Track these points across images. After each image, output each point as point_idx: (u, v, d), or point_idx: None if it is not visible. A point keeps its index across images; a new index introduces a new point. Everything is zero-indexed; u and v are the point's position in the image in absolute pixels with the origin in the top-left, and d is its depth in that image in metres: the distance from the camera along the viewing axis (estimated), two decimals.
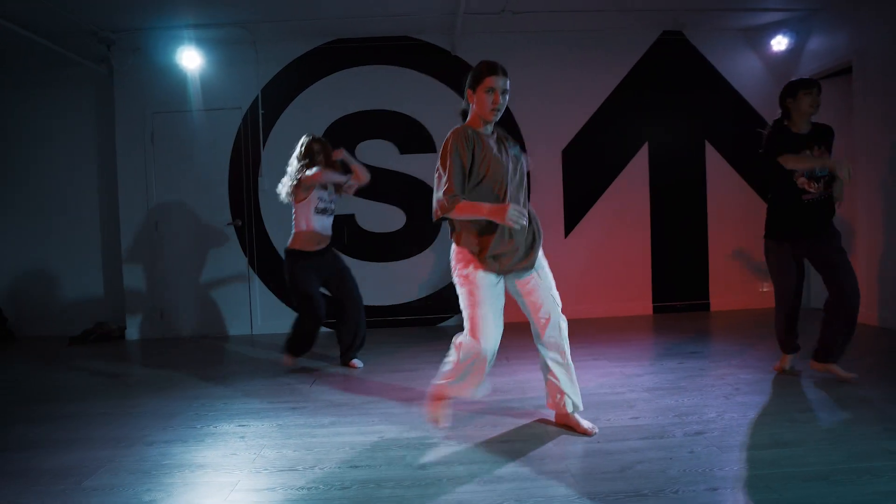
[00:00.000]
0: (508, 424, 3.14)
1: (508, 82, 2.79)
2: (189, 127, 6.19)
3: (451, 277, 6.16)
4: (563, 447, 2.78)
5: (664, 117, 6.21)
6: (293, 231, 4.44)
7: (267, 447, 2.92)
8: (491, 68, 2.75)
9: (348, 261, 6.02)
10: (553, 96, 6.16)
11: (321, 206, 4.45)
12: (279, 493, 2.42)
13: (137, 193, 6.23)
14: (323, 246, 4.48)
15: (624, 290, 6.23)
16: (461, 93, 6.03)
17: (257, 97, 6.15)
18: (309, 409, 3.55)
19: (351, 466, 2.67)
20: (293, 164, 4.47)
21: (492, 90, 2.75)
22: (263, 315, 6.15)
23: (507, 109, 6.11)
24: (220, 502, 2.36)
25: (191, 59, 5.89)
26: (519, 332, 5.64)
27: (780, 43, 5.98)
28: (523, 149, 3.01)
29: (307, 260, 4.39)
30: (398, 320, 6.19)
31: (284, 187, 4.46)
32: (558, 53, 6.15)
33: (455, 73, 6.11)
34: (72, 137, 6.51)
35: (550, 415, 3.20)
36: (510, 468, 2.57)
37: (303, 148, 4.48)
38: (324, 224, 4.49)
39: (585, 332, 5.47)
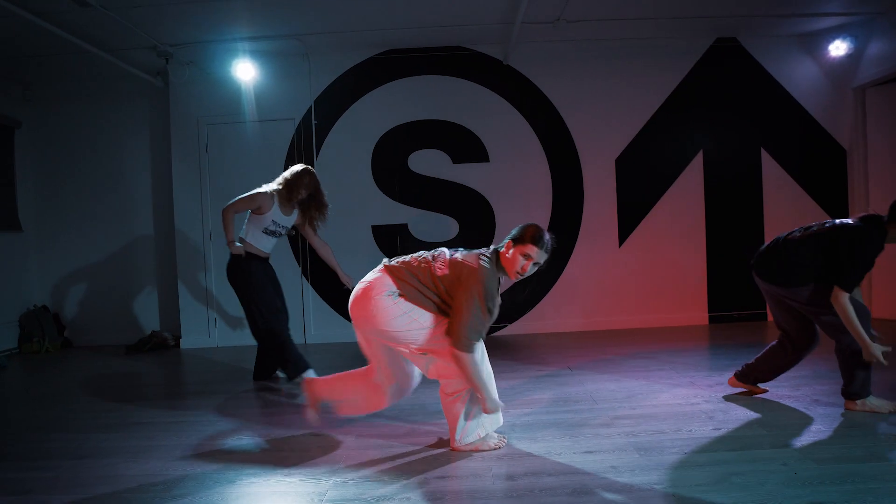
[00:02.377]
0: (588, 434, 3.09)
1: (545, 258, 2.88)
2: (243, 138, 6.27)
3: (500, 287, 6.17)
4: (651, 458, 2.73)
5: (719, 125, 6.13)
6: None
7: (347, 451, 2.91)
8: (537, 238, 2.83)
9: None
10: (606, 105, 6.13)
11: (271, 228, 4.49)
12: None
13: (192, 204, 6.32)
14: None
15: (679, 299, 6.15)
16: (513, 102, 6.12)
17: (310, 108, 6.21)
18: (383, 413, 3.52)
19: (438, 477, 2.64)
20: (279, 179, 4.50)
21: (528, 256, 2.83)
22: (317, 324, 6.18)
23: (560, 118, 6.10)
24: None
25: (245, 71, 5.98)
26: (579, 339, 5.61)
27: (838, 48, 5.87)
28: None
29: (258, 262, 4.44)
30: None
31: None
32: (611, 62, 6.12)
33: (507, 82, 6.12)
34: (128, 149, 6.64)
35: (623, 424, 3.15)
36: (594, 480, 2.53)
37: (295, 175, 4.44)
38: (267, 244, 4.53)
39: (644, 342, 5.41)
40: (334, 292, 5.96)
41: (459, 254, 2.91)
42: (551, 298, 6.17)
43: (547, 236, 2.87)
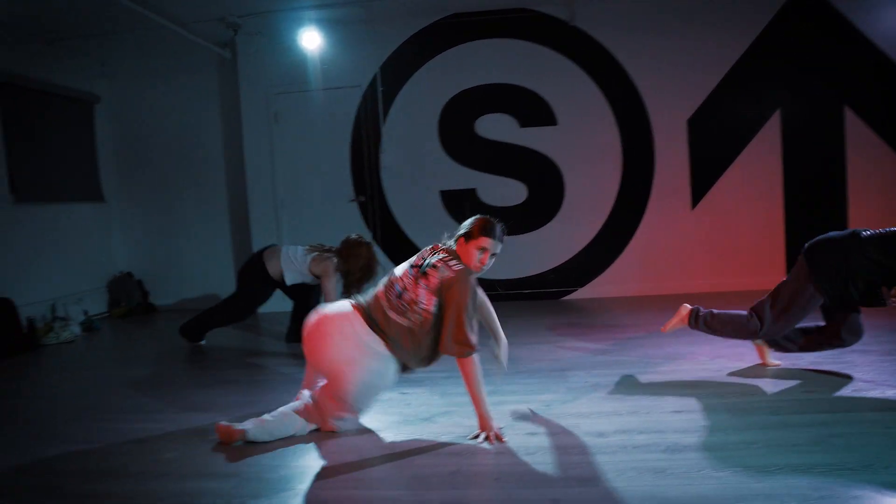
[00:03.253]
0: (674, 395, 3.07)
1: (501, 247, 2.78)
2: (310, 106, 6.35)
3: (570, 251, 6.13)
4: (742, 418, 2.71)
5: (798, 82, 5.86)
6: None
7: (437, 416, 2.98)
8: (487, 230, 2.74)
9: None
10: (677, 64, 5.93)
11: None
12: (475, 459, 2.47)
13: (263, 171, 6.46)
14: None
15: (755, 263, 5.98)
16: (581, 64, 6.00)
17: (376, 75, 6.22)
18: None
19: (528, 433, 2.69)
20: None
21: (483, 249, 2.72)
22: None
23: (629, 79, 5.96)
24: (432, 469, 2.43)
25: (311, 40, 6.02)
26: (653, 303, 5.54)
27: None
28: None
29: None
30: (522, 293, 6.19)
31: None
32: (682, 18, 5.90)
33: (573, 44, 5.99)
34: (200, 120, 6.80)
35: (708, 386, 3.14)
36: (693, 438, 2.52)
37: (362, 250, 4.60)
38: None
39: (720, 306, 5.24)
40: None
41: (424, 269, 2.76)
42: (622, 262, 6.10)
43: (498, 226, 2.78)
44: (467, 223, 2.80)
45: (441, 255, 2.75)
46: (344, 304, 2.82)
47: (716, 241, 6.02)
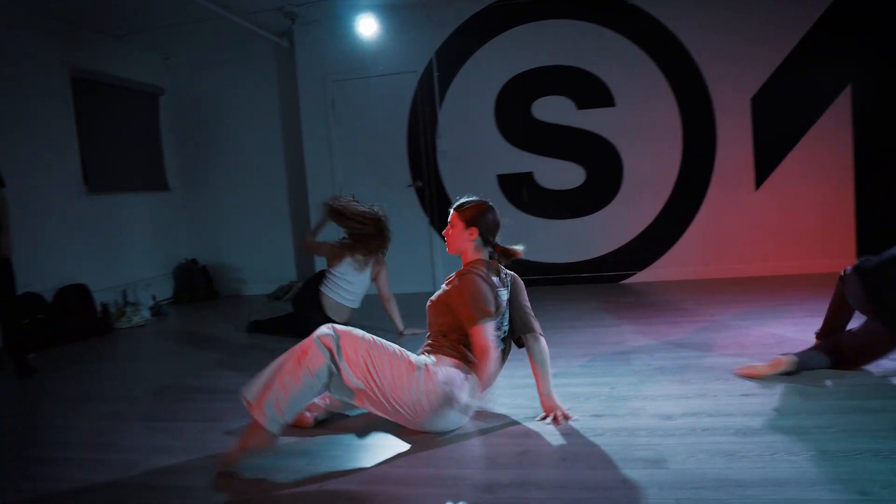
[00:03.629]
0: (741, 378, 3.02)
1: (458, 217, 2.81)
2: (367, 92, 6.42)
3: (629, 234, 6.04)
4: (815, 402, 2.64)
5: (871, 55, 5.59)
6: None
7: (501, 397, 3.00)
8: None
9: (528, 219, 6.11)
10: (740, 39, 5.73)
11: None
12: (542, 440, 2.49)
13: (321, 158, 6.56)
14: None
15: (822, 245, 5.78)
16: (639, 43, 5.88)
17: (431, 60, 6.23)
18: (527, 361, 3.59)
19: (594, 415, 2.69)
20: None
21: (449, 223, 2.88)
22: (444, 272, 6.31)
23: (690, 57, 5.80)
24: (500, 450, 2.46)
25: (367, 27, 6.08)
26: (714, 286, 5.44)
27: None
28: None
29: None
30: (580, 277, 6.15)
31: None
32: None
33: (632, 22, 5.87)
34: (259, 109, 6.97)
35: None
36: (759, 421, 2.48)
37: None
38: None
39: (786, 289, 5.15)
40: None
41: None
42: (683, 244, 5.98)
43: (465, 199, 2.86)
44: None
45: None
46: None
47: (780, 223, 5.84)
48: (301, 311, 4.55)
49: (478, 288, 2.61)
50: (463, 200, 2.84)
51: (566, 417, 2.63)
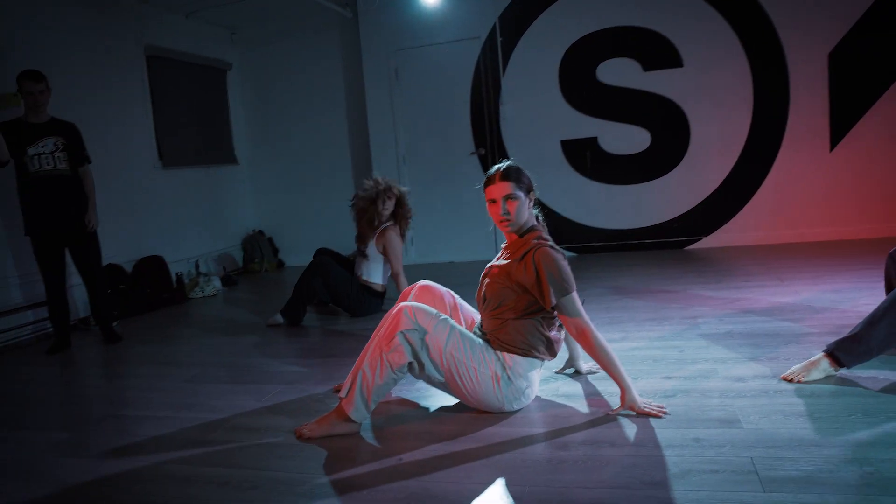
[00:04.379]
0: (813, 343, 2.97)
1: (513, 185, 2.42)
2: (430, 61, 6.45)
3: (696, 199, 5.92)
4: (887, 367, 2.59)
5: None
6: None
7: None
8: (487, 179, 2.50)
9: (592, 185, 6.06)
10: None
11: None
12: (614, 400, 2.54)
13: (385, 127, 6.65)
14: None
15: None
16: None
17: (494, 25, 6.19)
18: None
19: (665, 377, 2.71)
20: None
21: (492, 201, 2.48)
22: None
23: (762, 11, 5.58)
24: (572, 411, 2.53)
25: None
26: (785, 251, 5.31)
27: None
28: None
29: None
30: (644, 244, 6.09)
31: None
32: None
33: None
34: (323, 80, 7.07)
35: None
36: (832, 383, 2.45)
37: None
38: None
39: (861, 253, 4.98)
40: None
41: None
42: (752, 209, 5.84)
43: (497, 167, 2.50)
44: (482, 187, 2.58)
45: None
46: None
47: (857, 185, 5.62)
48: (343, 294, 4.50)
49: (557, 263, 2.38)
50: (505, 166, 2.49)
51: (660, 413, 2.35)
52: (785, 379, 2.54)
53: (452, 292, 2.80)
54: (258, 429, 2.57)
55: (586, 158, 6.06)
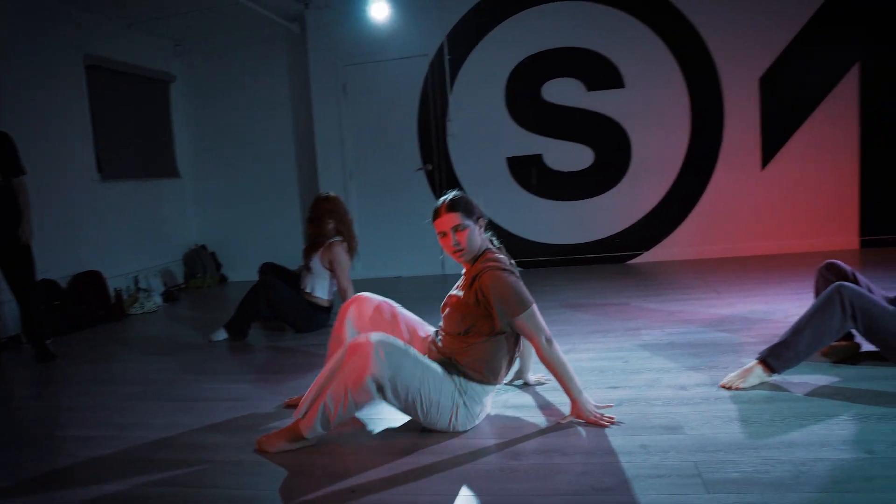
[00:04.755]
0: (750, 352, 3.11)
1: (460, 216, 2.45)
2: (378, 77, 6.48)
3: (637, 215, 6.11)
4: (820, 374, 2.74)
5: (879, 33, 5.61)
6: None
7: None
8: (434, 213, 2.51)
9: (536, 201, 6.18)
10: (749, 19, 5.75)
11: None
12: (560, 413, 2.60)
13: (332, 143, 6.64)
14: None
15: (827, 223, 5.86)
16: (649, 24, 5.92)
17: (442, 43, 6.28)
18: None
19: (611, 387, 2.79)
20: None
21: (442, 234, 2.48)
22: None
23: (699, 38, 5.84)
24: (522, 422, 2.57)
25: (379, 11, 6.10)
26: (720, 265, 5.53)
27: None
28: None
29: None
30: (587, 258, 6.24)
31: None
32: None
33: (641, 3, 5.91)
34: (270, 95, 7.03)
35: None
36: (769, 389, 2.58)
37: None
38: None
39: (791, 266, 5.24)
40: None
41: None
42: (689, 224, 6.07)
43: (443, 200, 2.51)
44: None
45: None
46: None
47: (786, 202, 5.91)
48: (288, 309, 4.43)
49: (505, 283, 2.38)
50: (451, 197, 2.50)
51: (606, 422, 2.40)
52: (723, 387, 2.66)
53: (390, 301, 2.79)
54: (204, 447, 2.52)
55: (531, 175, 6.20)
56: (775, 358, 2.61)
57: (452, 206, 2.46)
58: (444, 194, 2.55)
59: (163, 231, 6.86)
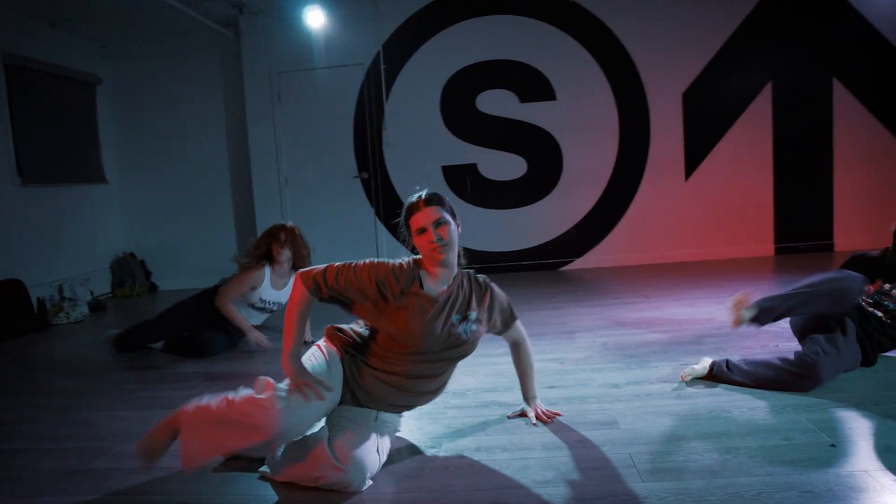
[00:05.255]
0: (680, 351, 3.28)
1: (440, 209, 2.22)
2: (314, 85, 6.47)
3: (568, 223, 6.30)
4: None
5: (789, 55, 6.03)
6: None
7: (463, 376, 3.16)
8: (409, 209, 2.23)
9: (471, 210, 6.29)
10: (673, 39, 6.08)
11: (258, 305, 4.05)
12: (506, 410, 2.67)
13: (266, 150, 6.58)
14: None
15: (745, 231, 6.21)
16: (580, 39, 6.15)
17: (379, 52, 6.33)
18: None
19: (548, 387, 2.89)
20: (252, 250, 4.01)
21: (421, 230, 2.19)
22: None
23: (627, 54, 6.11)
24: (465, 420, 2.63)
25: (315, 18, 6.10)
26: (648, 271, 5.78)
27: None
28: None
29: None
30: (521, 265, 6.39)
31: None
32: None
33: (573, 19, 6.13)
34: (202, 100, 6.89)
35: (710, 342, 3.33)
36: (696, 386, 2.73)
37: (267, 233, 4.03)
38: (254, 318, 4.11)
39: (713, 272, 5.52)
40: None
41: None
42: (619, 232, 6.31)
43: (417, 195, 2.25)
44: (402, 221, 2.30)
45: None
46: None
47: (708, 210, 6.24)
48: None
49: (502, 293, 2.50)
50: (426, 192, 2.26)
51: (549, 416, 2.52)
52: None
53: None
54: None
55: (466, 183, 6.31)
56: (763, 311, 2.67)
57: (429, 200, 2.22)
58: (416, 192, 2.29)
59: (89, 238, 6.61)
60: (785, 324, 3.05)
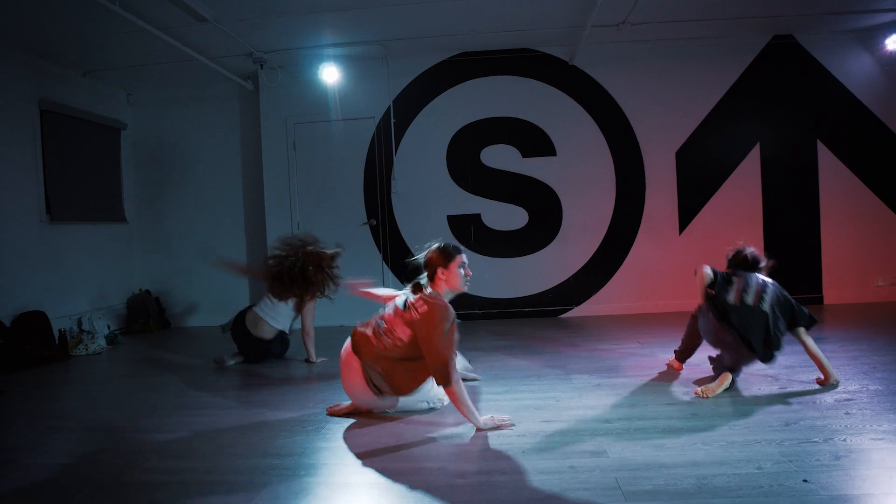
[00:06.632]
0: (672, 392, 3.51)
1: (454, 259, 3.28)
2: (327, 136, 6.84)
3: (568, 272, 6.57)
4: (726, 408, 3.16)
5: (775, 119, 6.44)
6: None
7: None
8: (456, 249, 3.30)
9: (475, 257, 6.57)
10: (667, 101, 6.49)
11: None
12: (502, 438, 2.90)
13: (281, 197, 6.91)
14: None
15: None
16: (579, 100, 6.54)
17: (389, 107, 6.73)
18: (482, 380, 4.03)
19: (544, 421, 3.12)
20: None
21: (463, 265, 3.27)
22: None
23: (623, 115, 6.50)
24: (466, 448, 2.86)
25: (330, 75, 6.52)
26: (643, 319, 6.02)
27: (894, 42, 6.12)
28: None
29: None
30: (522, 311, 6.64)
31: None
32: (672, 61, 6.49)
33: (573, 81, 6.54)
34: (221, 148, 7.27)
35: (697, 384, 3.57)
36: (680, 422, 2.97)
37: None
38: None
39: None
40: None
41: (401, 301, 3.30)
42: (616, 282, 6.59)
43: (452, 245, 3.34)
44: (430, 257, 3.30)
45: (421, 294, 3.20)
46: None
47: (701, 263, 6.48)
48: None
49: None
50: (441, 246, 3.33)
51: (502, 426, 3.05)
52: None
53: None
54: (169, 470, 2.71)
55: (470, 233, 6.63)
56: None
57: (457, 251, 3.28)
58: (432, 244, 3.36)
59: (108, 274, 6.90)
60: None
